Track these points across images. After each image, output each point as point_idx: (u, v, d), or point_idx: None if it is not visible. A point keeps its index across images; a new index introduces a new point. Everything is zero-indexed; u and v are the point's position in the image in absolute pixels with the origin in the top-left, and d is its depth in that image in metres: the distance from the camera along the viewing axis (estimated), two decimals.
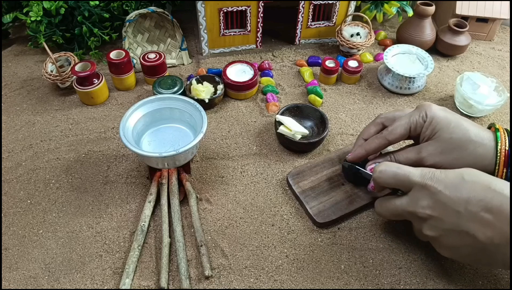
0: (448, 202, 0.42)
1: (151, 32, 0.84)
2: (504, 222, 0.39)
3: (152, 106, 0.62)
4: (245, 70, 0.76)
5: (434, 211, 0.43)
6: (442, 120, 0.49)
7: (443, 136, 0.48)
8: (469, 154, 0.48)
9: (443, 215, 0.43)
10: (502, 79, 0.83)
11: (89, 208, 0.57)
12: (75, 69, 0.70)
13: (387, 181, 0.47)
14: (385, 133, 0.52)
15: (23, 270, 0.51)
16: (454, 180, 0.42)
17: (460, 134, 0.48)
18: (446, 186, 0.42)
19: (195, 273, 0.50)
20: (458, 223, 0.42)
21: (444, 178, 0.43)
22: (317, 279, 0.51)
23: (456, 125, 0.48)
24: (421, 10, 0.83)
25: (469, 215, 0.41)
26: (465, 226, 0.41)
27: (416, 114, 0.51)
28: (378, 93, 0.78)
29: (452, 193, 0.42)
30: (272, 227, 0.56)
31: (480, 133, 0.48)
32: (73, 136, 0.68)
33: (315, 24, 0.86)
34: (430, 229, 0.45)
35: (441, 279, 0.51)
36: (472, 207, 0.41)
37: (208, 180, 0.61)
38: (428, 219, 0.44)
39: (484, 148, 0.48)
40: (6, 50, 0.87)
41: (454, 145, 0.48)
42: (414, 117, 0.51)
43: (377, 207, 0.51)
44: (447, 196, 0.42)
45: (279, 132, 0.64)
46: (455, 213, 0.42)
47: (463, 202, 0.41)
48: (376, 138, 0.53)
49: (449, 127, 0.48)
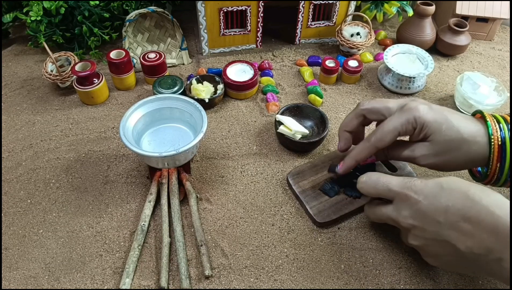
0: (428, 212, 0.42)
1: (151, 31, 0.84)
2: (482, 232, 0.39)
3: (152, 105, 0.62)
4: (245, 69, 0.76)
5: (415, 220, 0.43)
6: (433, 124, 0.48)
7: (436, 139, 0.48)
8: (463, 154, 0.48)
9: (424, 225, 0.43)
10: (502, 79, 0.83)
11: (89, 207, 0.57)
12: (75, 69, 0.70)
13: (369, 191, 0.48)
14: (373, 141, 0.50)
15: (23, 270, 0.51)
16: (433, 189, 0.42)
17: (453, 136, 0.47)
18: (425, 196, 0.42)
19: (195, 273, 0.50)
20: (439, 233, 0.42)
21: (423, 188, 0.43)
22: (317, 278, 0.51)
23: (448, 127, 0.47)
24: (421, 10, 0.83)
25: (449, 224, 0.41)
26: (445, 236, 0.41)
27: (404, 119, 0.48)
28: (378, 93, 0.78)
29: (431, 203, 0.42)
30: (272, 226, 0.56)
31: (472, 130, 0.48)
32: (73, 136, 0.68)
33: (315, 24, 0.86)
34: (413, 238, 0.45)
35: (441, 279, 0.51)
36: (451, 217, 0.41)
37: (208, 179, 0.61)
38: (411, 228, 0.45)
39: (477, 145, 0.47)
40: (6, 49, 0.87)
41: (448, 147, 0.48)
42: (402, 124, 0.48)
43: (366, 211, 0.52)
44: (426, 206, 0.42)
45: (279, 132, 0.64)
46: (435, 223, 0.42)
47: (442, 212, 0.41)
48: (365, 148, 0.52)
49: (441, 130, 0.47)
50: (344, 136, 0.56)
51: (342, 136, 0.56)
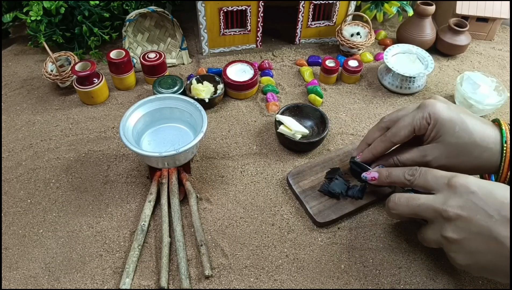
0: (481, 204, 0.40)
1: (151, 31, 0.84)
2: None
3: (152, 105, 0.62)
4: (245, 69, 0.76)
5: (464, 210, 0.41)
6: (447, 123, 0.47)
7: (448, 140, 0.48)
8: (475, 158, 0.47)
9: (474, 217, 0.40)
10: (502, 78, 0.83)
11: (89, 207, 0.57)
12: (75, 69, 0.70)
13: (419, 183, 0.46)
14: (389, 136, 0.51)
15: (23, 270, 0.51)
16: (488, 185, 0.41)
17: (465, 139, 0.47)
18: (480, 188, 0.41)
19: (195, 273, 0.50)
20: (488, 227, 0.40)
21: (477, 180, 0.42)
22: (317, 278, 0.51)
23: (461, 128, 0.47)
24: (421, 10, 0.83)
25: (502, 220, 0.39)
26: (495, 231, 0.39)
27: (419, 114, 0.49)
28: (378, 93, 0.78)
29: (486, 196, 0.40)
30: (272, 226, 0.56)
31: (485, 135, 0.47)
32: (73, 136, 0.68)
33: (315, 23, 0.86)
34: (454, 230, 0.42)
35: (441, 279, 0.51)
36: (506, 213, 0.39)
37: (208, 179, 0.61)
38: (455, 219, 0.42)
39: (490, 152, 0.47)
40: (6, 49, 0.87)
41: (459, 150, 0.47)
42: (417, 119, 0.49)
43: (394, 201, 0.47)
44: (480, 198, 0.40)
45: (279, 132, 0.64)
46: (487, 216, 0.40)
47: (497, 206, 0.39)
48: (381, 142, 0.53)
49: (454, 131, 0.47)
50: (362, 147, 0.57)
51: (361, 147, 0.58)
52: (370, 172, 0.54)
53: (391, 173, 0.50)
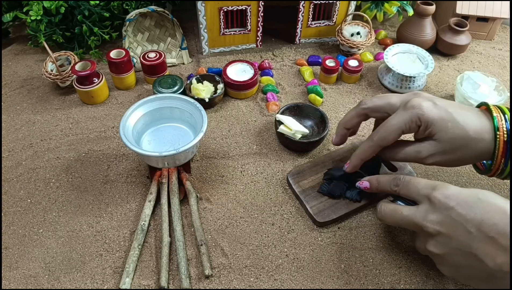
0: (460, 220, 0.40)
1: (151, 31, 0.84)
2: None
3: (152, 105, 0.62)
4: (245, 69, 0.76)
5: (443, 227, 0.41)
6: (438, 122, 0.47)
7: (443, 137, 0.47)
8: (471, 151, 0.47)
9: (453, 233, 0.40)
10: (502, 78, 0.83)
11: (89, 207, 0.57)
12: (75, 68, 0.70)
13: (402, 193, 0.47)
14: (377, 140, 0.50)
15: (23, 269, 0.51)
16: (469, 198, 0.40)
17: (460, 134, 0.46)
18: (459, 203, 0.40)
19: (195, 272, 0.50)
20: (467, 244, 0.39)
21: (457, 194, 0.41)
22: (317, 278, 0.51)
23: (454, 124, 0.47)
24: (421, 10, 0.83)
25: (481, 237, 0.39)
26: (474, 248, 0.39)
27: (407, 117, 0.48)
28: (378, 93, 0.78)
29: (465, 212, 0.40)
30: (272, 226, 0.56)
31: (478, 127, 0.47)
32: (73, 135, 0.68)
33: (315, 23, 0.86)
34: (435, 245, 0.43)
35: (441, 279, 0.51)
36: (486, 230, 0.38)
37: (208, 179, 0.61)
38: (435, 235, 0.42)
39: (484, 143, 0.47)
40: (6, 49, 0.87)
41: (455, 145, 0.47)
42: (406, 122, 0.48)
43: (381, 212, 0.48)
44: (459, 214, 0.40)
45: (279, 132, 0.64)
46: (466, 233, 0.39)
47: (476, 223, 0.39)
48: (369, 147, 0.51)
49: (447, 128, 0.47)
50: (342, 132, 0.56)
51: (340, 132, 0.57)
52: (362, 181, 0.53)
53: (380, 182, 0.51)
